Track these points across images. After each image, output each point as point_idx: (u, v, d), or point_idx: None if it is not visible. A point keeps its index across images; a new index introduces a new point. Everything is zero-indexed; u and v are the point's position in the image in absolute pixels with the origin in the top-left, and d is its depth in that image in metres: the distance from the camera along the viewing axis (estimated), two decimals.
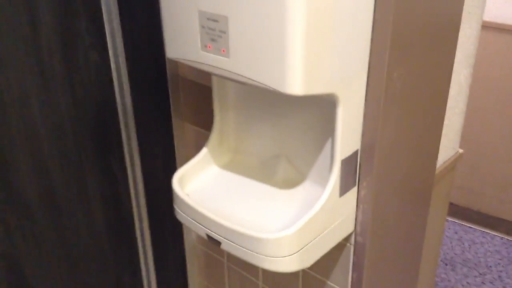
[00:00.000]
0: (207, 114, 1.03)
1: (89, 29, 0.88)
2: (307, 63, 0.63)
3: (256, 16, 0.62)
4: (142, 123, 1.01)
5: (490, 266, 2.11)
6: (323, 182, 0.83)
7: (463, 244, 2.22)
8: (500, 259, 2.15)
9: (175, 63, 1.01)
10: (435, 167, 1.02)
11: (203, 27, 0.69)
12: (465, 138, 1.21)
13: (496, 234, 2.27)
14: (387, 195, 0.86)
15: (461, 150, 1.15)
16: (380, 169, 0.81)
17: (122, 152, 1.00)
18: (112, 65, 0.93)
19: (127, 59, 0.94)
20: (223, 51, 0.68)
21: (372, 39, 0.72)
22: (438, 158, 1.02)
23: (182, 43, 0.74)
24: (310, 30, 0.61)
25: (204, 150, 0.93)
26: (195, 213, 0.83)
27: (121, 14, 0.89)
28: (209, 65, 0.72)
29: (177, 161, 1.10)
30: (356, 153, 0.79)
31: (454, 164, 1.12)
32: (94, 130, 0.95)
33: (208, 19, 0.68)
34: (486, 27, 1.87)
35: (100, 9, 0.87)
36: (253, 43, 0.64)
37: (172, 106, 1.06)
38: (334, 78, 0.68)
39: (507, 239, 2.25)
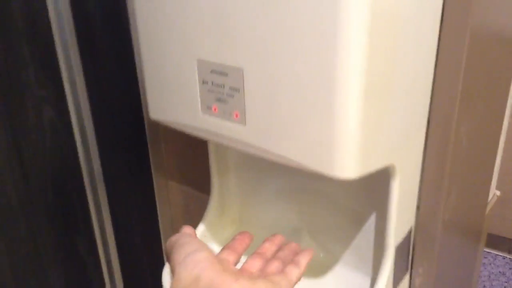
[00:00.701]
0: (197, 170, 0.82)
1: (40, 79, 0.65)
2: (365, 134, 0.43)
3: (288, 68, 0.42)
4: (116, 191, 0.79)
5: None
6: (365, 268, 0.63)
7: None
8: (505, 282, 2.00)
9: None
10: (485, 216, 0.84)
11: (205, 82, 0.48)
12: None
13: (497, 253, 2.13)
14: (445, 273, 0.67)
15: (498, 192, 0.98)
16: (440, 249, 0.62)
17: (91, 230, 0.77)
18: (74, 123, 0.71)
19: (93, 113, 0.72)
20: (236, 115, 0.48)
21: (434, 84, 0.53)
22: None
23: (173, 102, 0.53)
24: (370, 90, 0.41)
25: (201, 227, 0.71)
26: None
27: (82, 59, 0.67)
28: (215, 133, 0.51)
29: (162, 232, 0.88)
30: (409, 233, 0.60)
31: (495, 207, 0.95)
32: (52, 207, 0.72)
33: (212, 72, 0.47)
34: None
35: (55, 53, 0.65)
36: (281, 107, 0.44)
37: (153, 164, 0.84)
38: (392, 147, 0.49)
39: (510, 258, 2.11)
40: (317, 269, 0.68)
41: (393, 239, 0.56)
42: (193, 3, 0.46)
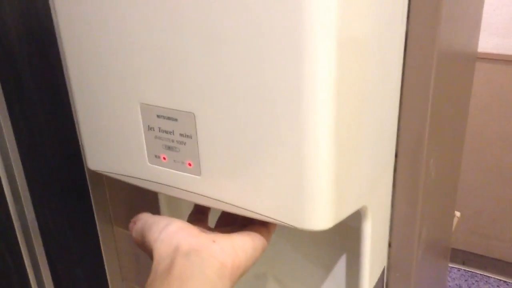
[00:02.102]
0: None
1: None
2: (338, 182, 0.38)
3: (246, 111, 0.37)
4: (55, 245, 0.71)
5: None
6: None
7: None
8: None
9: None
10: (450, 243, 0.82)
11: (150, 128, 0.42)
12: None
13: (452, 265, 2.16)
14: None
15: (458, 213, 0.96)
16: (415, 286, 0.58)
17: None
18: (1, 173, 0.62)
19: (22, 160, 0.64)
20: (189, 164, 0.42)
21: (400, 119, 0.49)
22: None
23: (114, 152, 0.46)
24: (340, 136, 0.37)
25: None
26: None
27: (8, 102, 0.59)
28: (164, 184, 0.45)
29: (110, 282, 0.80)
30: (383, 274, 0.56)
31: (456, 231, 0.93)
32: None
33: (159, 116, 0.41)
34: None
35: None
36: (241, 156, 0.39)
37: (96, 210, 0.76)
38: (363, 191, 0.44)
39: (464, 270, 2.14)
40: None
41: (367, 283, 0.52)
42: (132, 41, 0.40)
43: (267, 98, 0.35)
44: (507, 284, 2.02)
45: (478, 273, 2.09)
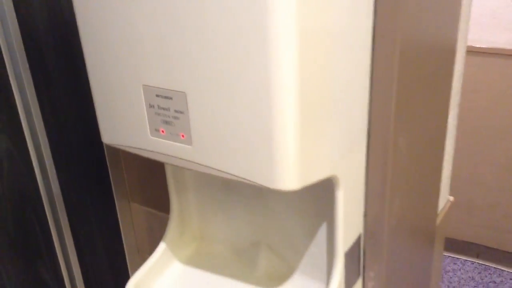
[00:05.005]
0: (158, 190, 0.83)
1: None
2: (303, 150, 0.46)
3: (227, 90, 0.45)
4: (77, 215, 0.80)
5: None
6: (319, 275, 0.66)
7: None
8: (475, 287, 2.06)
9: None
10: (436, 220, 0.88)
11: (151, 106, 0.51)
12: None
13: (466, 259, 2.19)
14: (395, 277, 0.70)
15: (451, 198, 1.02)
16: (389, 252, 0.65)
17: (54, 255, 0.78)
18: (31, 150, 0.72)
19: (50, 140, 0.73)
20: (182, 136, 0.50)
21: (371, 100, 0.56)
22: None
23: (123, 127, 0.55)
24: (305, 107, 0.44)
25: (162, 245, 0.73)
26: None
27: (36, 87, 0.69)
28: (164, 154, 0.53)
29: (127, 253, 0.89)
30: (359, 239, 0.63)
31: (448, 214, 0.99)
32: (13, 234, 0.73)
33: (158, 96, 0.50)
34: None
35: (8, 84, 0.67)
36: (224, 127, 0.47)
37: (114, 187, 0.86)
38: (333, 158, 0.52)
39: (478, 263, 2.17)
40: (275, 279, 0.70)
41: (341, 245, 0.59)
42: (136, 33, 0.48)
43: (242, 78, 0.43)
44: None
45: (491, 266, 2.11)
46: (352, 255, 0.62)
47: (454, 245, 2.17)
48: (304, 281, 0.68)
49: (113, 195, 0.87)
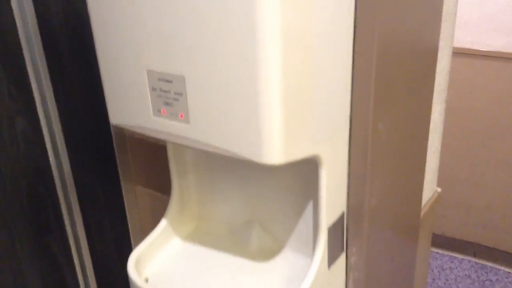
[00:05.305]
0: (161, 174, 0.89)
1: (13, 93, 0.73)
2: (287, 127, 0.52)
3: (220, 74, 0.51)
4: (86, 194, 0.87)
5: None
6: (306, 250, 0.72)
7: (433, 271, 2.16)
8: (471, 284, 2.10)
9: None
10: (420, 210, 0.93)
11: (154, 89, 0.57)
12: None
13: (463, 257, 2.23)
14: (377, 255, 0.76)
15: (439, 189, 1.07)
16: (370, 231, 0.71)
17: (63, 230, 0.85)
18: (45, 132, 0.78)
19: (62, 123, 0.80)
20: (181, 116, 0.56)
21: (353, 90, 0.62)
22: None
23: (128, 108, 0.61)
24: (288, 89, 0.50)
25: (163, 222, 0.79)
26: None
27: (51, 71, 0.76)
28: (164, 132, 0.59)
29: (131, 231, 0.96)
30: (342, 216, 0.69)
31: (435, 204, 1.04)
32: (27, 209, 0.79)
33: (159, 79, 0.56)
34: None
35: (25, 68, 0.73)
36: (217, 107, 0.53)
37: (120, 169, 0.92)
38: (316, 138, 0.58)
39: (475, 261, 2.22)
40: (267, 255, 0.76)
41: (325, 221, 0.65)
42: (142, 24, 0.54)
43: (232, 63, 0.49)
44: None
45: (488, 265, 2.16)
46: (336, 230, 0.68)
47: (452, 243, 2.22)
48: (292, 255, 0.74)
49: (119, 177, 0.93)
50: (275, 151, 0.52)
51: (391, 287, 0.88)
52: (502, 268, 2.14)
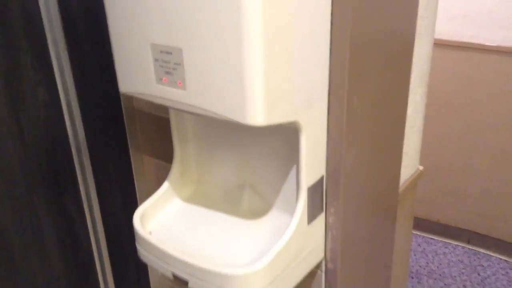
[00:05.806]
0: (166, 145, 0.99)
1: (35, 65, 0.83)
2: (268, 92, 0.61)
3: (211, 46, 0.61)
4: (98, 159, 0.97)
5: (455, 276, 2.14)
6: (291, 210, 0.81)
7: (427, 256, 2.24)
8: (463, 269, 2.18)
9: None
10: (399, 185, 1.02)
11: (156, 60, 0.67)
12: (422, 153, 1.23)
13: (457, 243, 2.31)
14: (354, 219, 0.85)
15: (421, 167, 1.16)
16: (346, 194, 0.80)
17: (77, 191, 0.95)
18: (63, 102, 0.89)
19: (78, 94, 0.90)
20: (179, 83, 0.66)
21: (330, 65, 0.71)
22: (401, 176, 1.02)
23: (135, 77, 0.71)
24: (269, 58, 0.60)
25: (166, 184, 0.89)
26: (159, 252, 0.80)
27: (69, 47, 0.86)
28: (165, 98, 0.69)
29: (138, 196, 1.06)
30: (321, 179, 0.78)
31: (415, 181, 1.13)
32: (46, 170, 0.90)
33: (161, 51, 0.66)
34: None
35: (46, 44, 0.83)
36: (209, 74, 0.62)
37: (129, 140, 1.02)
38: (295, 106, 0.67)
39: (468, 248, 2.30)
40: (256, 214, 0.85)
41: (305, 181, 0.74)
42: (145, 3, 0.64)
43: (221, 37, 0.59)
44: (507, 263, 2.16)
45: (481, 252, 2.24)
46: (315, 191, 0.77)
47: (446, 230, 2.30)
48: (278, 213, 0.83)
49: (128, 147, 1.03)
50: (258, 113, 0.62)
51: (368, 257, 0.97)
52: (494, 255, 2.22)
